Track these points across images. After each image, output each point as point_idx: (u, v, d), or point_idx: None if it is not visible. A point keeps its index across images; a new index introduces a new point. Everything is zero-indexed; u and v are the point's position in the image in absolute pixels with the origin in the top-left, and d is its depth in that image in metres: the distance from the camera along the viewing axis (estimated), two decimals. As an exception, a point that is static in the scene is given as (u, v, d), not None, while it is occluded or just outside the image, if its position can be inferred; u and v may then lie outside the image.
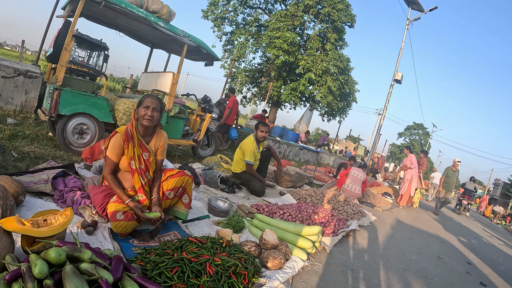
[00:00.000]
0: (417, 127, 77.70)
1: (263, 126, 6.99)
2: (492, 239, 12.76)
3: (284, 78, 25.10)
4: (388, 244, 6.11)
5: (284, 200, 6.94)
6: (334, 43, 23.55)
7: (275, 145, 15.80)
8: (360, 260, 4.71)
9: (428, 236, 8.31)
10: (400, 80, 20.48)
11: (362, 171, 9.83)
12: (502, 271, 7.23)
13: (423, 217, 11.70)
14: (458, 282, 5.22)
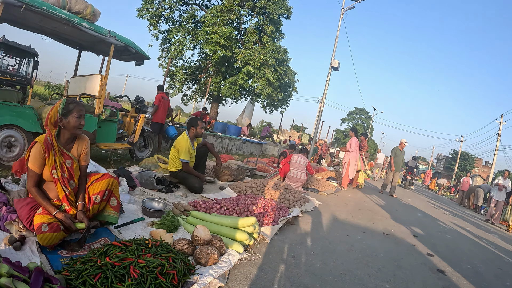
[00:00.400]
0: (359, 111, 79.53)
1: (201, 122, 6.85)
2: (438, 210, 13.26)
3: (223, 73, 24.81)
4: (332, 227, 6.07)
5: (224, 194, 6.76)
6: (271, 35, 23.58)
7: (217, 141, 15.65)
8: (302, 246, 4.61)
9: (373, 214, 8.41)
10: (337, 67, 20.76)
11: (303, 156, 9.79)
12: (449, 240, 7.45)
13: (369, 197, 11.92)
14: (405, 255, 5.25)
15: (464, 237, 8.44)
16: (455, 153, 63.42)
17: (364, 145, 14.26)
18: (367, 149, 15.35)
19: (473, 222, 12.49)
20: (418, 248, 5.95)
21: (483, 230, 10.79)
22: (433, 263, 5.21)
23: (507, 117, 60.05)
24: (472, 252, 6.71)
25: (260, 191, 7.12)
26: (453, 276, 4.77)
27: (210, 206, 5.14)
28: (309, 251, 4.49)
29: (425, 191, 27.51)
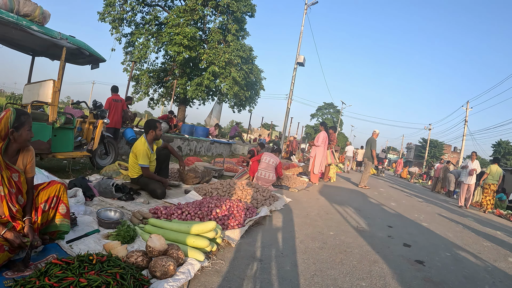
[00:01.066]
0: (328, 106, 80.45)
1: (159, 124, 6.52)
2: (411, 199, 13.15)
3: (189, 75, 24.38)
4: (303, 224, 5.77)
5: (188, 198, 6.38)
6: (236, 33, 23.29)
7: (184, 143, 15.26)
8: (271, 247, 4.30)
9: (345, 208, 8.16)
10: (303, 62, 20.82)
11: (274, 156, 9.53)
12: (425, 227, 7.27)
13: (341, 190, 11.72)
14: (380, 249, 4.99)
15: (439, 223, 8.29)
16: (424, 141, 64.85)
17: (333, 139, 14.10)
18: (336, 142, 15.21)
19: (448, 207, 12.46)
20: (394, 239, 5.72)
21: (458, 214, 10.74)
22: (411, 254, 4.97)
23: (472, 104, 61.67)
24: (450, 239, 6.53)
25: (227, 192, 6.77)
26: (433, 266, 4.54)
27: (171, 212, 4.80)
28: (278, 252, 4.17)
29: (398, 180, 27.66)
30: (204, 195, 6.73)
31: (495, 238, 7.61)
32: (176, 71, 24.56)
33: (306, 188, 10.50)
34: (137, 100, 25.41)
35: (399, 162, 40.44)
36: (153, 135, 6.42)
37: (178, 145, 15.10)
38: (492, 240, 7.25)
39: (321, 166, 12.41)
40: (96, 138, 7.73)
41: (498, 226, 9.84)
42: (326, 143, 12.61)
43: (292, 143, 24.39)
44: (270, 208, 6.34)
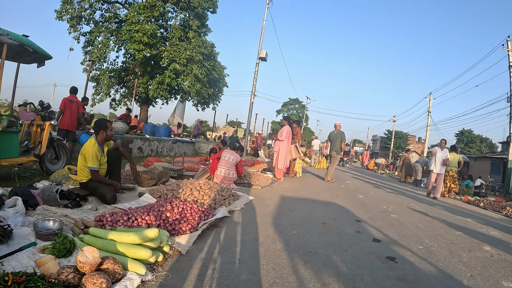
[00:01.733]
0: (293, 102, 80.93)
1: (110, 124, 6.04)
2: (379, 190, 12.93)
3: (150, 73, 23.74)
4: (264, 224, 5.32)
5: (141, 201, 5.85)
6: (197, 30, 22.80)
7: (145, 144, 14.65)
8: (226, 253, 3.82)
9: (311, 203, 7.78)
10: (265, 57, 20.63)
11: (234, 153, 9.07)
12: (395, 219, 6.96)
13: (306, 185, 11.31)
14: (348, 246, 4.59)
15: (409, 214, 8.00)
16: (390, 133, 65.86)
17: (297, 133, 13.75)
18: (301, 136, 14.89)
19: (416, 197, 12.24)
20: (362, 234, 5.33)
21: (427, 204, 10.51)
22: (381, 250, 4.58)
23: (435, 95, 63.11)
24: (421, 230, 6.21)
25: (183, 194, 6.24)
26: (405, 263, 4.16)
27: (117, 219, 4.29)
28: (234, 258, 3.69)
29: (365, 172, 27.69)
30: (159, 197, 6.21)
31: (467, 226, 7.39)
32: (136, 70, 23.90)
33: (271, 185, 10.09)
34: (98, 102, 24.33)
35: (365, 154, 41.23)
36: (104, 136, 5.95)
37: (139, 146, 14.51)
38: (463, 228, 7.00)
39: (285, 161, 12.01)
40: (43, 142, 7.18)
41: (468, 213, 9.71)
42: (290, 137, 12.23)
43: (257, 139, 24.04)
44: (229, 208, 5.87)
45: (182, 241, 3.95)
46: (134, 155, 14.05)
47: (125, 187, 6.84)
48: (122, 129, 14.43)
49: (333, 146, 13.83)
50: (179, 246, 3.79)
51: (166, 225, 4.32)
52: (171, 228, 4.26)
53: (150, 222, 4.25)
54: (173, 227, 4.29)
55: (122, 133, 13.90)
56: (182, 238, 4.04)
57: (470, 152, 62.11)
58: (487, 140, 69.67)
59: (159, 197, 6.22)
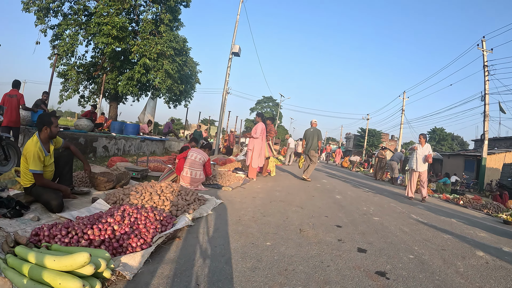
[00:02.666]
0: (267, 100, 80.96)
1: (55, 119, 5.18)
2: (357, 189, 12.34)
3: (119, 68, 22.74)
4: (233, 234, 4.61)
5: (93, 209, 5.08)
6: (169, 24, 21.84)
7: (110, 142, 13.74)
8: (184, 275, 3.10)
9: (286, 206, 7.08)
10: (238, 52, 20.20)
11: (202, 152, 8.35)
12: (378, 223, 6.35)
13: (281, 185, 10.61)
14: (331, 259, 3.92)
15: (392, 215, 7.43)
16: (363, 131, 66.35)
17: (270, 130, 13.10)
18: (276, 134, 14.21)
19: (395, 196, 11.76)
20: (345, 243, 4.67)
21: (407, 203, 10.00)
22: (369, 263, 3.92)
23: (409, 93, 63.77)
24: (407, 235, 5.62)
25: (141, 199, 5.46)
26: (398, 278, 3.51)
27: (55, 233, 3.54)
28: (192, 283, 2.96)
29: (340, 170, 27.35)
30: (114, 203, 5.44)
31: (453, 228, 6.87)
32: (105, 65, 22.82)
33: (242, 185, 9.39)
34: (66, 98, 23.08)
35: (338, 151, 41.36)
36: (48, 133, 5.09)
37: (104, 145, 13.61)
38: (450, 231, 6.46)
39: (260, 160, 11.33)
40: None
41: (450, 213, 9.27)
42: (264, 134, 11.54)
43: (230, 137, 23.36)
44: (193, 215, 5.12)
45: (130, 261, 3.23)
46: (99, 154, 13.18)
47: (78, 192, 6.02)
48: (86, 126, 13.60)
49: (309, 144, 13.20)
50: (125, 269, 3.06)
51: (112, 240, 3.58)
52: (117, 245, 3.52)
53: (93, 238, 3.52)
54: (120, 244, 3.55)
55: (86, 131, 13.03)
56: (131, 257, 3.30)
57: (442, 149, 62.93)
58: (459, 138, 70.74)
59: (114, 203, 5.46)
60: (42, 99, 12.39)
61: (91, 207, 5.19)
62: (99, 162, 11.06)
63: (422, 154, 11.47)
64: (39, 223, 4.28)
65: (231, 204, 6.61)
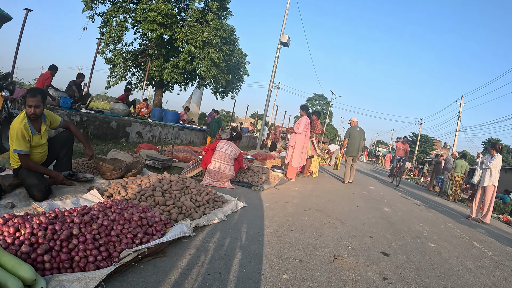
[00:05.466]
0: (318, 97, 79.66)
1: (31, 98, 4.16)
2: (407, 201, 10.85)
3: (165, 56, 22.24)
4: (241, 255, 3.50)
5: (83, 200, 4.26)
6: (217, 12, 21.01)
7: (145, 129, 13.12)
8: None
9: (322, 218, 5.87)
10: (287, 42, 19.23)
11: (233, 145, 7.36)
12: (435, 253, 4.94)
13: (321, 190, 9.38)
14: None
15: (450, 242, 6.02)
16: (415, 136, 64.08)
17: (315, 125, 11.93)
18: (321, 130, 12.95)
19: (450, 213, 10.16)
20: (393, 285, 3.41)
21: (466, 225, 8.41)
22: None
23: (467, 99, 60.76)
24: (473, 275, 4.29)
25: (141, 194, 4.52)
26: None
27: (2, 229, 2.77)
28: None
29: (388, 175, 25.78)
30: (109, 197, 4.58)
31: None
32: (151, 52, 22.37)
33: (277, 186, 8.29)
34: (113, 84, 22.97)
35: (388, 156, 39.77)
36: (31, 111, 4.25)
37: (138, 130, 13.08)
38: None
39: (301, 158, 10.15)
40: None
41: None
42: (309, 130, 10.34)
43: (276, 131, 22.35)
44: (198, 221, 4.08)
45: (72, 283, 2.29)
46: (132, 140, 12.63)
47: (79, 178, 5.24)
48: (121, 111, 13.26)
49: (357, 145, 12.11)
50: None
51: (62, 249, 2.68)
52: (65, 258, 2.57)
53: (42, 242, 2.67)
54: (66, 257, 2.60)
55: (120, 116, 12.59)
56: (75, 278, 2.36)
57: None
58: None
59: (109, 196, 4.59)
60: (76, 81, 12.26)
61: (80, 198, 4.37)
62: (129, 148, 10.37)
63: (490, 167, 9.59)
64: (11, 211, 3.69)
65: (255, 210, 5.52)
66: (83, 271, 2.55)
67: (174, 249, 3.31)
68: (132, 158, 6.86)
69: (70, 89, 11.96)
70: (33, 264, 2.50)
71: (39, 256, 2.54)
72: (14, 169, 4.40)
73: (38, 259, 2.53)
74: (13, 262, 2.26)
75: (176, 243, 3.43)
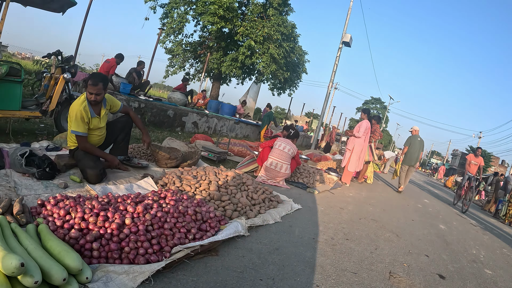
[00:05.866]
0: (375, 101, 78.05)
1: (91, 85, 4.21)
2: (463, 220, 10.22)
3: (224, 49, 22.39)
4: (296, 261, 3.31)
5: (137, 187, 4.24)
6: (278, 8, 20.96)
7: (201, 119, 13.16)
8: None
9: (378, 229, 5.57)
10: (349, 42, 18.84)
11: (291, 143, 7.18)
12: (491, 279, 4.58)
13: (376, 198, 9.02)
14: None
15: (507, 271, 5.46)
16: (472, 150, 61.48)
17: (375, 130, 11.50)
18: (380, 136, 12.47)
19: (506, 237, 9.30)
20: None
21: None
22: None
23: (533, 114, 57.98)
24: None
25: (196, 186, 4.45)
26: None
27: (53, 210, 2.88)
28: None
29: (443, 189, 24.67)
30: (163, 186, 4.52)
31: None
32: (211, 44, 22.55)
33: (331, 190, 7.98)
34: (172, 74, 23.59)
35: (442, 168, 39.44)
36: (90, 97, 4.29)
37: (194, 121, 13.15)
38: None
39: (359, 163, 9.73)
40: (54, 97, 5.96)
41: None
42: (368, 135, 9.90)
43: (331, 132, 21.92)
44: (253, 221, 3.94)
45: (119, 276, 2.23)
46: (188, 129, 12.74)
47: (133, 164, 5.28)
48: (179, 100, 13.41)
49: (416, 155, 11.67)
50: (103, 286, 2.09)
51: (109, 239, 2.61)
52: (115, 247, 2.52)
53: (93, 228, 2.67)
54: (116, 247, 2.54)
55: (177, 105, 12.72)
56: (123, 270, 2.29)
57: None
58: None
59: (164, 186, 4.54)
60: (136, 68, 12.53)
61: (134, 184, 4.35)
62: (184, 138, 10.39)
63: None
64: (63, 190, 3.72)
65: (311, 213, 5.31)
66: (132, 263, 2.47)
67: (226, 248, 3.18)
68: (188, 147, 6.84)
69: (130, 76, 12.21)
70: (80, 250, 2.45)
71: (87, 243, 2.49)
72: (70, 150, 4.47)
73: (86, 246, 2.48)
74: (60, 248, 2.20)
75: (228, 242, 3.30)
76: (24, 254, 2.01)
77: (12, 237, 2.24)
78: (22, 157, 3.87)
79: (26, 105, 5.88)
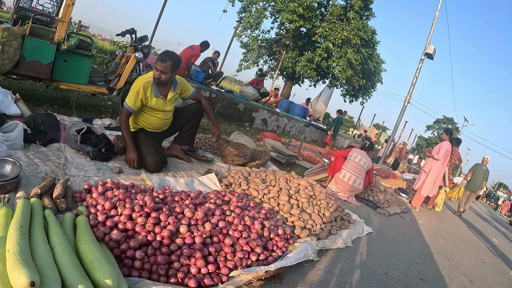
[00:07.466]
0: (447, 121, 74.46)
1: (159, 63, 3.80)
2: None
3: (301, 49, 22.05)
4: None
5: (197, 183, 3.88)
6: (359, 11, 20.18)
7: (271, 117, 12.85)
8: None
9: (451, 269, 4.89)
10: (432, 54, 17.59)
11: (366, 156, 6.61)
12: None
13: (446, 230, 8.10)
14: None
15: None
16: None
17: (454, 154, 10.63)
18: (458, 161, 11.56)
19: None
20: None
21: None
22: None
23: None
24: None
25: (265, 193, 4.02)
26: None
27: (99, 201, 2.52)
28: None
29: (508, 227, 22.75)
30: (228, 186, 4.15)
31: None
32: (288, 42, 22.33)
33: (401, 213, 7.31)
34: (245, 68, 23.66)
35: (506, 203, 36.55)
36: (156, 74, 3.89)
37: (264, 118, 12.92)
38: None
39: (433, 188, 8.86)
40: (123, 75, 5.78)
41: None
42: (448, 158, 8.98)
43: (402, 149, 20.92)
44: (324, 243, 3.44)
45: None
46: (256, 126, 12.51)
47: (197, 156, 4.98)
48: (251, 95, 13.24)
49: (480, 183, 11.24)
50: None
51: (157, 248, 2.21)
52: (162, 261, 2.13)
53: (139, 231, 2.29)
54: (164, 260, 2.14)
55: (249, 99, 12.56)
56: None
57: None
58: None
59: (228, 186, 4.16)
60: (212, 57, 12.59)
61: (195, 179, 4.00)
62: (252, 134, 10.18)
63: None
64: (117, 175, 3.47)
65: (382, 240, 4.75)
66: (181, 284, 2.00)
67: (291, 275, 2.72)
68: (256, 145, 6.47)
69: (205, 65, 12.19)
70: (120, 256, 2.09)
71: (130, 249, 2.10)
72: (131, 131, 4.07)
73: (128, 253, 2.09)
74: (93, 257, 1.78)
75: (295, 267, 2.83)
76: (45, 259, 1.64)
77: (40, 230, 1.90)
78: (78, 133, 3.62)
79: (94, 80, 5.83)
